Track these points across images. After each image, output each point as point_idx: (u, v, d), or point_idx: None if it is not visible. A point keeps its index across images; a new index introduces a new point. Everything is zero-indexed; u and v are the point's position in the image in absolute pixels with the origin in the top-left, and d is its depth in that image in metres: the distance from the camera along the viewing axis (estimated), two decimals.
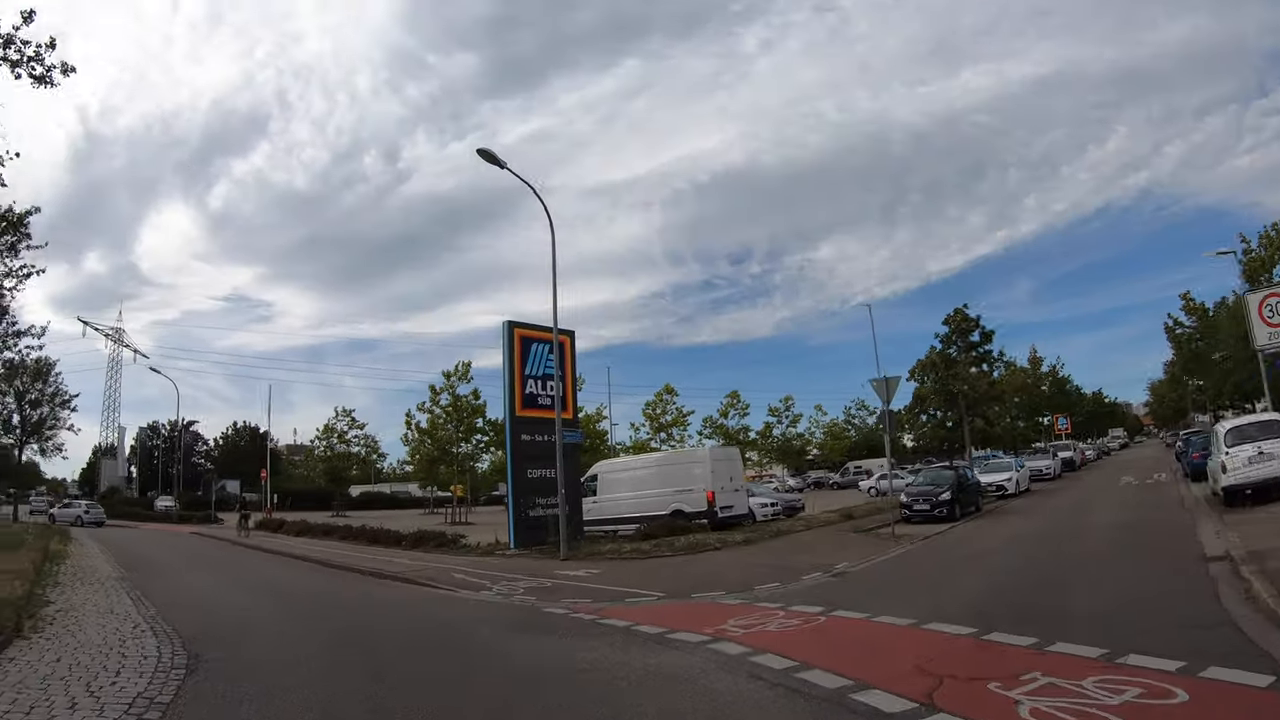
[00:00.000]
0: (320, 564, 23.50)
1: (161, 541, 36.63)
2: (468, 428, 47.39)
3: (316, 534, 35.05)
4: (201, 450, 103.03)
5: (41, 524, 42.19)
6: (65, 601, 14.05)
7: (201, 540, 37.50)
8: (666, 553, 20.88)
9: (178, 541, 36.75)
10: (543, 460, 24.79)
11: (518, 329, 25.76)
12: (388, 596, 15.84)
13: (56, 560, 21.93)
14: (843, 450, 75.52)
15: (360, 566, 21.31)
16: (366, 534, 30.45)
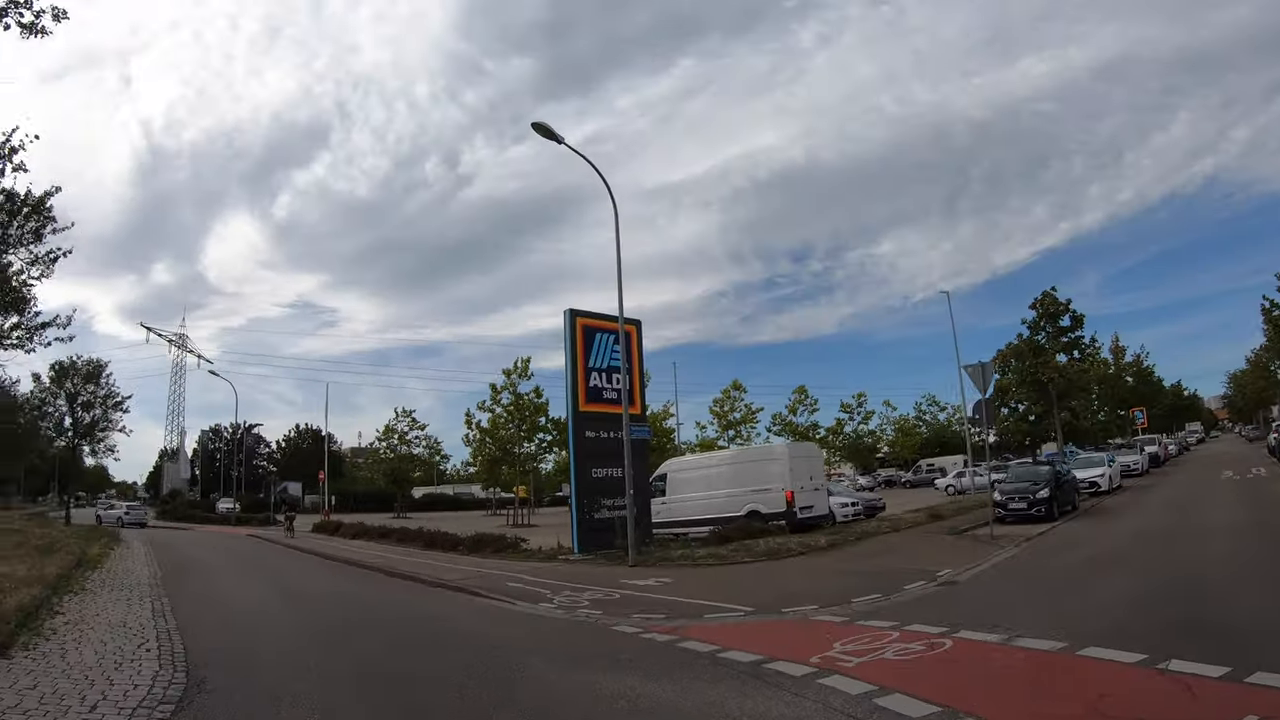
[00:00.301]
0: (368, 569, 22.10)
1: (212, 544, 35.90)
2: (530, 426, 46.01)
3: (372, 536, 33.86)
4: (264, 453, 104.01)
5: (100, 527, 41.72)
6: (78, 612, 12.77)
7: (254, 543, 36.54)
8: (745, 558, 19.10)
9: (229, 544, 35.96)
10: (608, 459, 23.25)
11: (580, 318, 24.14)
12: (436, 610, 14.17)
13: (93, 565, 20.92)
14: (913, 448, 72.81)
15: (411, 573, 19.77)
16: (423, 537, 29.08)
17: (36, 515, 41.60)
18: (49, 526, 32.67)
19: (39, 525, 32.15)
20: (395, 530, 32.90)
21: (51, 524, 35.04)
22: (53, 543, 24.27)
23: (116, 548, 28.39)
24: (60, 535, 27.95)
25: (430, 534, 28.98)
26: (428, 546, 27.66)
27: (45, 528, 31.40)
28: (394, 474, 64.69)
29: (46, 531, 28.92)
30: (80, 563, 20.48)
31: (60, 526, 34.80)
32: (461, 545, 25.71)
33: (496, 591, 15.61)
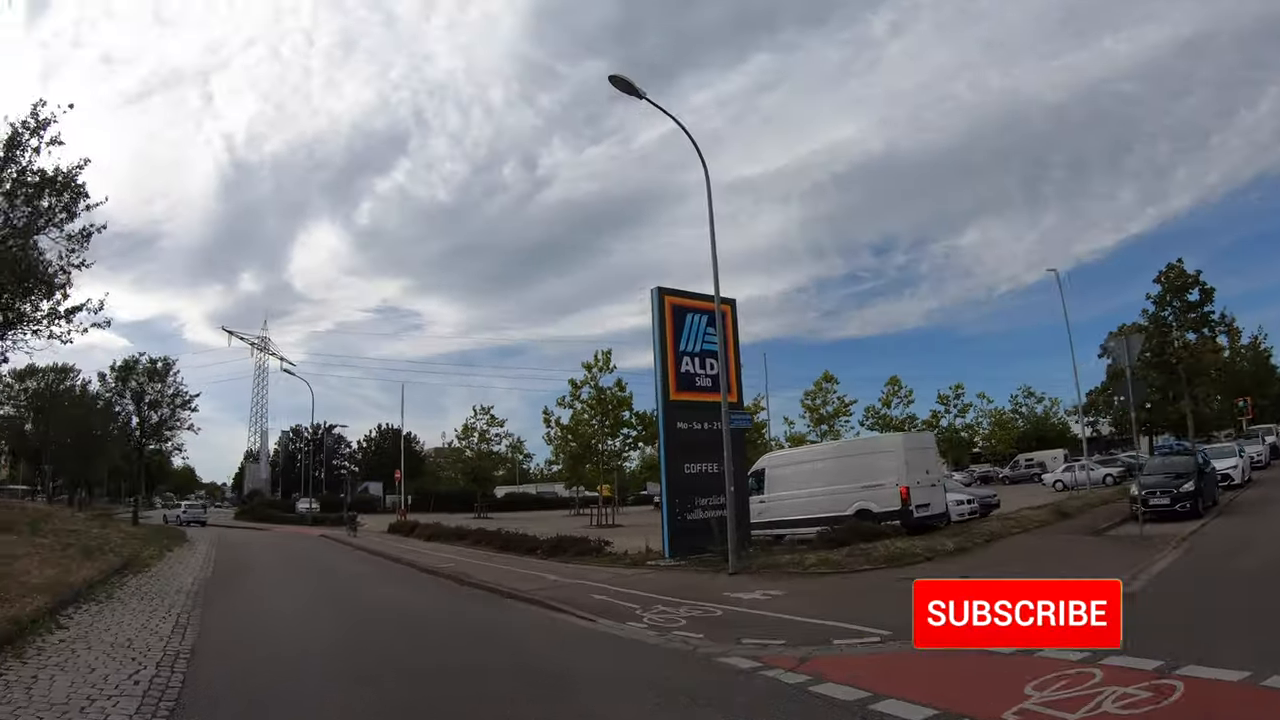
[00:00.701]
0: (436, 575, 20.31)
1: (279, 545, 34.85)
2: (613, 422, 44.09)
3: (447, 538, 32.29)
4: (345, 453, 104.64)
5: (166, 527, 41.28)
6: (87, 627, 11.05)
7: (323, 544, 35.43)
8: (863, 565, 16.59)
9: (296, 545, 34.87)
10: (702, 452, 21.03)
11: (669, 296, 21.91)
12: (505, 629, 12.05)
13: (140, 568, 19.61)
14: (1010, 442, 68.95)
15: (483, 580, 17.78)
16: (499, 539, 27.20)
17: (104, 515, 40.78)
18: (112, 527, 31.65)
19: (102, 525, 31.14)
20: (471, 531, 31.20)
21: (115, 524, 34.09)
22: (104, 544, 23.03)
23: (177, 549, 27.30)
24: (117, 536, 26.84)
25: (507, 536, 27.09)
26: (504, 549, 25.79)
27: (108, 528, 30.34)
28: (474, 473, 63.49)
29: (105, 532, 27.78)
30: (125, 566, 19.17)
31: (124, 527, 33.87)
32: (540, 549, 23.78)
33: (577, 606, 13.50)
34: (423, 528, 36.89)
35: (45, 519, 29.60)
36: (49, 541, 21.22)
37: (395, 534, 39.11)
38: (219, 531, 45.41)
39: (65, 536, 23.37)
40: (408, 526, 39.43)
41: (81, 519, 33.87)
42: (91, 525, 30.12)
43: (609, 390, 43.65)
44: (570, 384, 44.84)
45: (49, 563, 16.31)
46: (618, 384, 44.20)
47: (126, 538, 26.83)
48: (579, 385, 44.27)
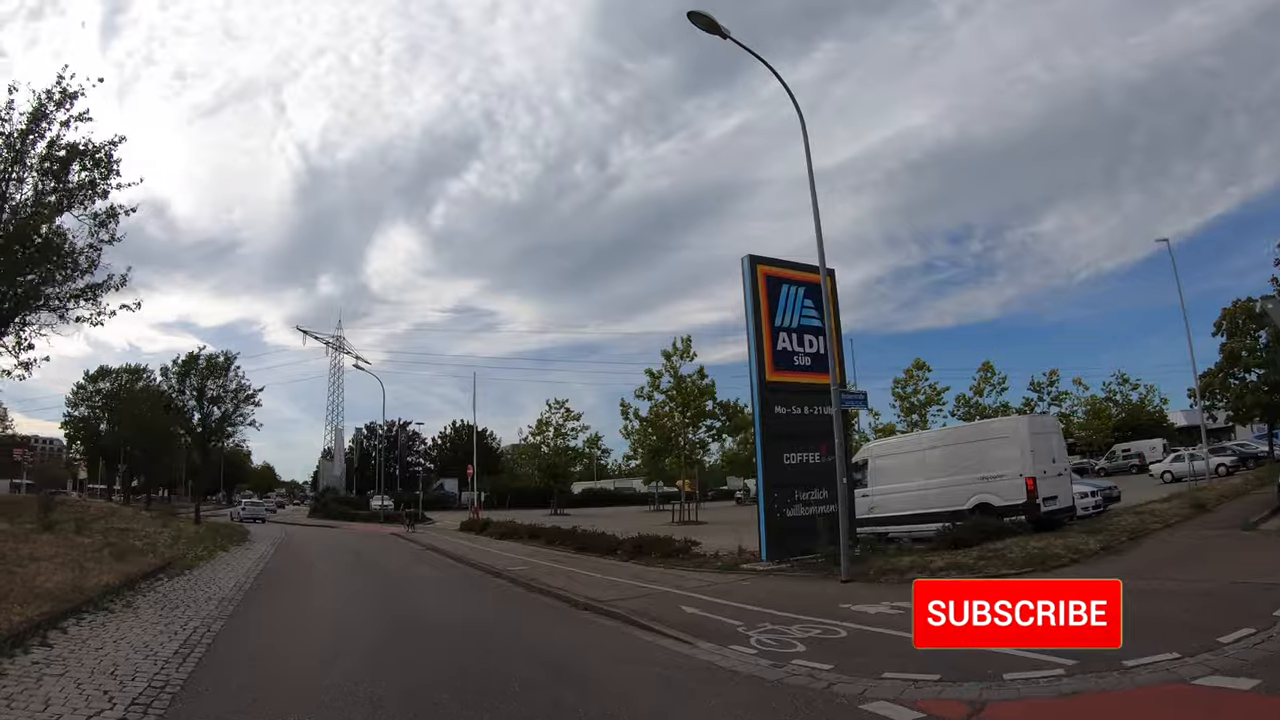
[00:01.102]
0: (505, 579, 18.36)
1: (343, 545, 33.40)
2: (695, 411, 41.85)
3: (520, 537, 30.47)
4: (420, 449, 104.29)
5: (230, 525, 40.35)
6: (78, 644, 9.25)
7: (391, 543, 33.94)
8: (1002, 569, 14.21)
9: (362, 545, 33.37)
10: (802, 440, 18.79)
11: (763, 266, 19.55)
12: (581, 655, 9.94)
13: (181, 570, 18.18)
14: (1106, 431, 64.84)
15: (557, 587, 15.71)
16: (576, 538, 25.14)
17: (168, 513, 39.98)
18: (172, 526, 30.56)
19: (162, 524, 30.12)
20: (546, 530, 29.28)
21: (178, 523, 33.05)
22: (150, 545, 21.75)
23: (231, 550, 25.88)
24: (170, 536, 25.59)
25: (584, 535, 25.00)
26: (581, 550, 23.72)
27: (167, 527, 29.27)
28: (550, 469, 61.93)
29: (160, 532, 26.68)
30: (163, 568, 17.73)
31: (186, 526, 32.79)
32: (620, 549, 21.66)
33: (667, 622, 11.27)
34: (495, 525, 35.24)
35: (102, 518, 28.84)
36: (89, 541, 20.05)
37: (466, 532, 37.59)
38: (286, 530, 44.58)
39: (110, 536, 22.27)
40: (479, 524, 37.86)
41: (145, 518, 33.11)
42: (148, 524, 29.17)
43: (689, 379, 41.42)
44: (648, 374, 42.75)
45: (72, 565, 14.87)
46: (699, 372, 41.94)
47: (179, 538, 25.54)
48: (658, 375, 42.06)
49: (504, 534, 32.18)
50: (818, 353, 19.39)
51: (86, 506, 33.78)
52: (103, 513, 31.47)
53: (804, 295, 19.80)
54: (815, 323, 19.65)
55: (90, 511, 31.09)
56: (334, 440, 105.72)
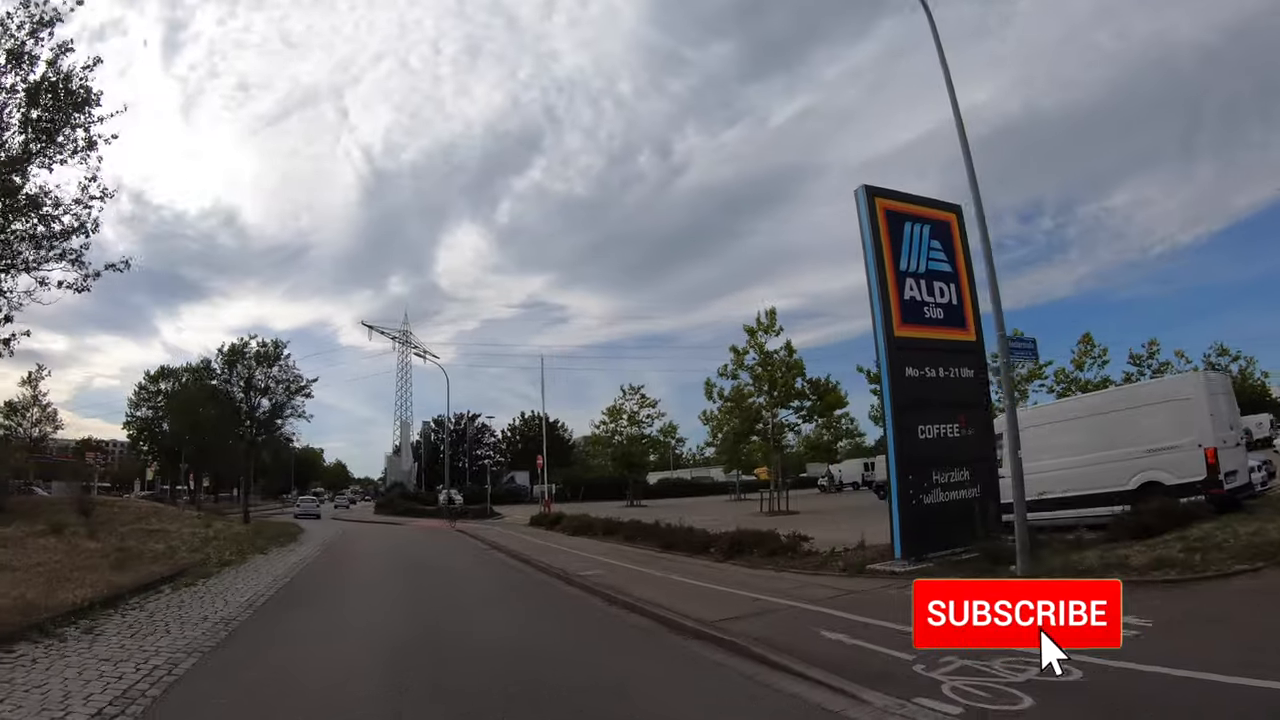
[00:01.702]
0: (581, 588, 15.02)
1: (401, 544, 30.62)
2: (783, 389, 38.07)
3: (596, 532, 27.32)
4: (489, 443, 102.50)
5: (281, 524, 38.65)
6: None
7: (455, 542, 30.99)
8: (1232, 565, 10.61)
9: (421, 544, 30.52)
10: (939, 409, 15.25)
11: (881, 199, 15.82)
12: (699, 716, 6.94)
13: (191, 579, 15.37)
14: None
15: (645, 599, 12.33)
16: (661, 534, 21.79)
17: (215, 513, 37.63)
18: (216, 526, 28.22)
19: (204, 525, 27.82)
20: (624, 524, 25.93)
21: (225, 522, 30.74)
22: (172, 549, 19.30)
23: (272, 552, 23.23)
24: (203, 538, 23.26)
25: (670, 530, 21.57)
26: (667, 548, 20.35)
27: (209, 527, 26.97)
28: (625, 457, 58.87)
29: (195, 533, 24.44)
30: (176, 576, 15.15)
31: (233, 525, 30.50)
32: (715, 547, 18.23)
33: (807, 656, 7.84)
34: (568, 520, 32.21)
35: (139, 519, 26.74)
36: (96, 546, 17.66)
37: (536, 527, 34.80)
38: (344, 528, 42.47)
39: (130, 539, 20.06)
40: (551, 519, 35.00)
41: (188, 518, 30.86)
42: (188, 525, 26.92)
43: (777, 355, 37.83)
44: (732, 351, 39.06)
45: (49, 576, 12.32)
46: (786, 347, 38.29)
47: (211, 540, 23.03)
48: (742, 352, 38.38)
49: (577, 529, 29.09)
50: (950, 303, 15.98)
51: (126, 507, 31.43)
52: (143, 513, 29.27)
53: (930, 235, 16.24)
54: (945, 267, 16.20)
55: (129, 511, 28.85)
56: (400, 435, 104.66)
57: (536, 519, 36.93)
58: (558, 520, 33.33)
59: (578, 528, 29.29)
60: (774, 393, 37.30)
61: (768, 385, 37.38)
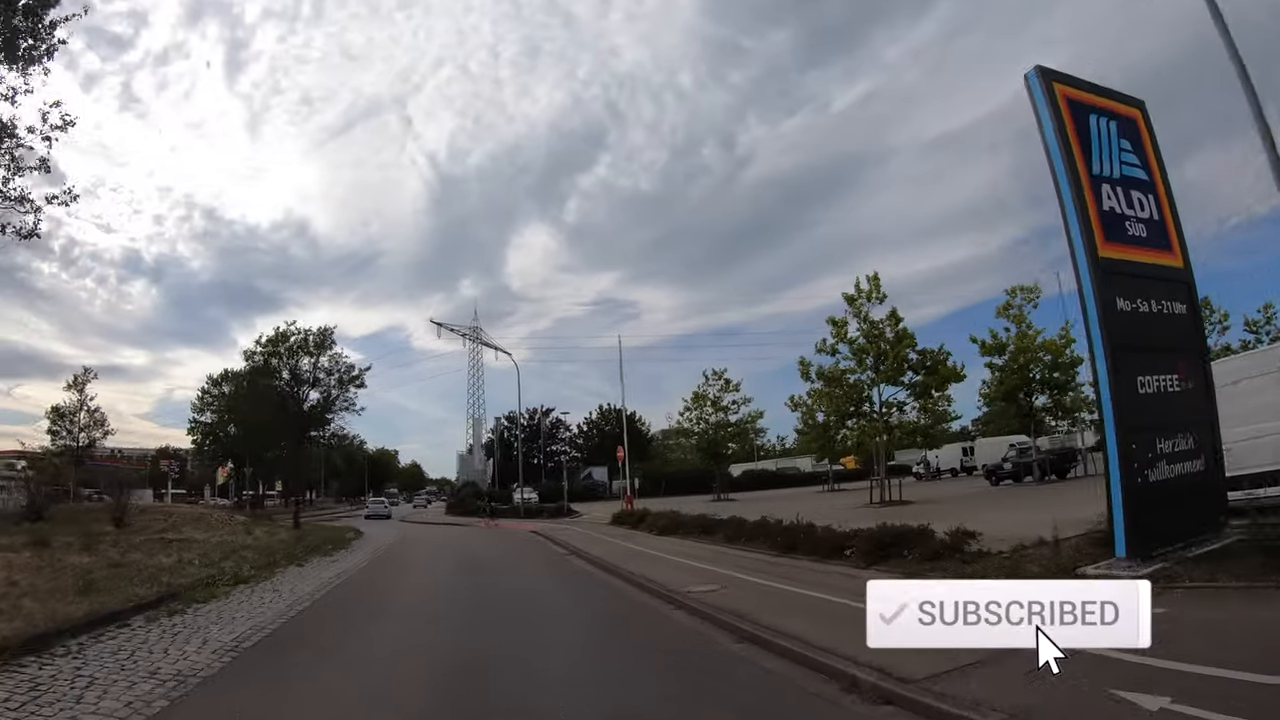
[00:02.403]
0: (692, 613, 11.25)
1: (465, 549, 27.03)
2: (895, 362, 33.05)
3: (690, 532, 23.62)
4: (565, 437, 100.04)
5: (337, 527, 35.90)
6: None
7: (529, 546, 27.61)
8: None
9: (488, 548, 27.22)
10: (1158, 355, 11.58)
11: (1060, 85, 11.99)
12: None
13: (185, 604, 12.05)
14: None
15: (801, 636, 8.62)
16: (773, 532, 17.96)
17: (262, 519, 34.85)
18: (252, 532, 25.57)
19: (246, 531, 25.34)
20: (723, 522, 22.09)
21: (256, 528, 27.85)
22: (180, 563, 16.33)
23: (312, 562, 20.40)
24: (226, 546, 20.64)
25: (789, 529, 17.55)
26: (787, 550, 16.35)
27: (251, 534, 24.53)
28: (710, 447, 54.67)
29: (226, 540, 21.97)
30: (161, 601, 11.98)
31: (270, 530, 27.72)
32: (851, 548, 14.47)
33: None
34: (654, 517, 28.54)
35: (171, 527, 24.58)
36: (83, 561, 15.04)
37: (619, 526, 31.27)
38: (407, 531, 39.49)
39: (137, 551, 17.29)
40: (635, 517, 31.27)
41: (234, 524, 28.30)
42: (224, 533, 24.37)
43: (883, 324, 33.49)
44: (830, 324, 34.68)
45: None
46: (892, 316, 33.87)
47: (245, 549, 20.29)
48: (841, 323, 34.08)
49: (666, 528, 25.43)
50: (1150, 218, 12.32)
51: (171, 513, 29.05)
52: (182, 520, 26.87)
53: (1118, 133, 12.45)
54: (1140, 174, 12.65)
55: (167, 519, 26.50)
56: (472, 433, 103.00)
57: (619, 517, 33.35)
58: (642, 518, 29.76)
59: (666, 526, 25.69)
60: (881, 366, 33.08)
61: (874, 358, 33.17)
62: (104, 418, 57.39)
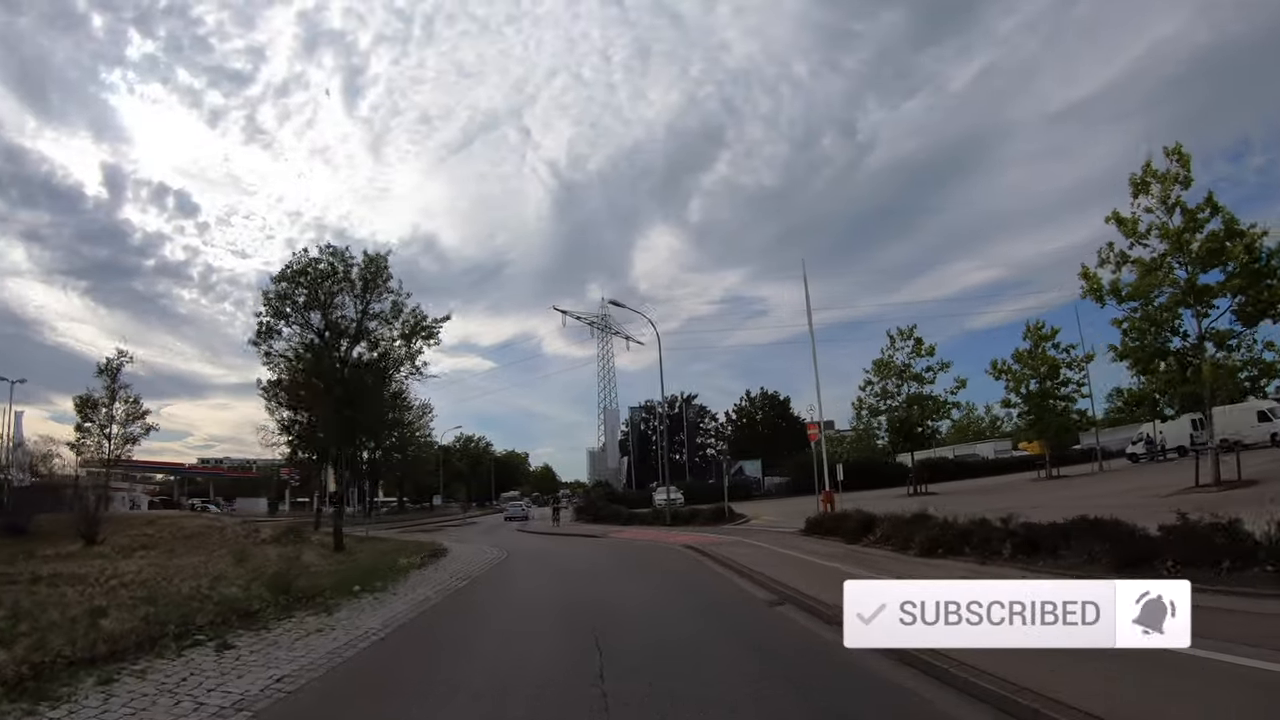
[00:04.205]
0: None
1: (590, 578, 17.67)
2: (1242, 265, 21.09)
3: (952, 546, 14.22)
4: (709, 428, 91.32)
5: (402, 541, 28.99)
6: None
7: (688, 570, 18.00)
8: None
9: (628, 579, 17.27)
10: None
11: None
12: None
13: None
14: None
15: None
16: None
17: (291, 530, 25.81)
18: (242, 560, 17.92)
19: (235, 553, 17.59)
20: (999, 530, 12.44)
21: (276, 545, 20.04)
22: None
23: (339, 611, 12.01)
24: (192, 587, 12.56)
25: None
26: None
27: (232, 563, 17.05)
28: (903, 426, 43.98)
29: (191, 572, 13.49)
30: None
31: (296, 551, 19.82)
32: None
33: None
34: (881, 524, 18.35)
35: (152, 545, 19.66)
36: None
37: (814, 537, 21.43)
38: (515, 546, 30.19)
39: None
40: (829, 523, 21.52)
41: (250, 541, 20.60)
42: (216, 556, 18.35)
43: (1200, 210, 21.86)
44: (1116, 222, 22.78)
45: None
46: (1207, 201, 22.00)
47: (197, 598, 11.88)
48: (1132, 221, 22.76)
49: (907, 542, 15.35)
50: None
51: (179, 525, 22.66)
52: (179, 534, 22.06)
53: None
54: None
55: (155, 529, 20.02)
56: (605, 425, 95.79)
57: (814, 524, 22.97)
58: (870, 526, 19.09)
59: (887, 534, 15.56)
60: (1205, 266, 21.63)
61: (1201, 259, 21.65)
62: (144, 410, 50.74)
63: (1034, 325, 44.70)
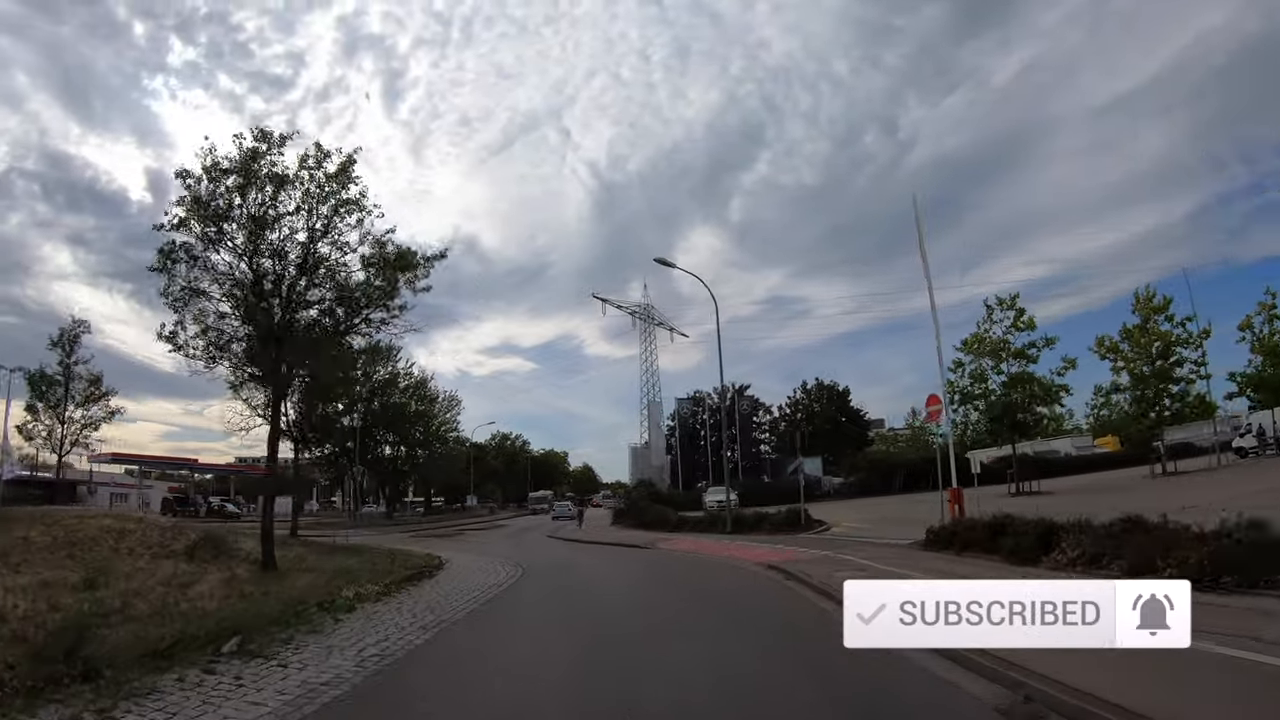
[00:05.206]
0: None
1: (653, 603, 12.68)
2: None
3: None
4: (764, 422, 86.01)
5: (374, 550, 24.24)
6: None
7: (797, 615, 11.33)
8: None
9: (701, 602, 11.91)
10: None
11: None
12: None
13: None
14: None
15: None
16: None
17: (210, 544, 20.19)
18: (96, 585, 12.61)
19: (167, 557, 13.63)
20: None
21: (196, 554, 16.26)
22: None
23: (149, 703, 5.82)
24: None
25: None
26: None
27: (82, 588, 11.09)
28: (1006, 412, 37.92)
29: None
30: None
31: (195, 570, 14.88)
32: None
33: None
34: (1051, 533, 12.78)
35: (59, 556, 17.16)
36: None
37: (950, 553, 15.91)
38: (539, 556, 25.55)
39: None
40: (976, 534, 15.64)
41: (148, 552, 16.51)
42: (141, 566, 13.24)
43: None
44: None
45: None
46: None
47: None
48: None
49: (1112, 557, 9.74)
50: None
51: (79, 524, 19.38)
52: (76, 539, 18.27)
53: None
54: None
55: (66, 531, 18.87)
56: (648, 418, 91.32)
57: (937, 535, 17.02)
58: (1046, 539, 12.85)
59: (1194, 566, 9.74)
60: None
61: None
62: (105, 391, 47.15)
63: (1144, 296, 38.67)
